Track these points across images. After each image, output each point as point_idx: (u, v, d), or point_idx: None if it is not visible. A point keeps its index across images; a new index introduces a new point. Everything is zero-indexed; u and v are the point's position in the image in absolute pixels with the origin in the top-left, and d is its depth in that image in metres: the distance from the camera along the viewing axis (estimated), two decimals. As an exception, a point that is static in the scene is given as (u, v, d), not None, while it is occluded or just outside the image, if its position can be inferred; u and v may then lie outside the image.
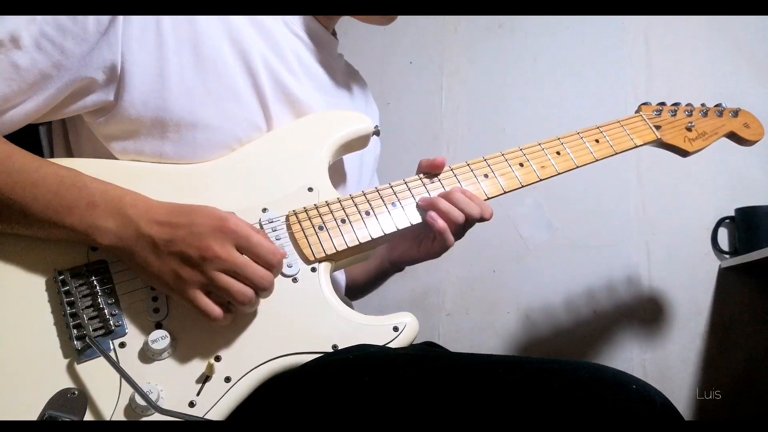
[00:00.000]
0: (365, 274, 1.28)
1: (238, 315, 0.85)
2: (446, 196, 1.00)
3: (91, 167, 0.89)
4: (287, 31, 1.05)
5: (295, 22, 1.07)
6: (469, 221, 1.00)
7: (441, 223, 0.98)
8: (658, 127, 1.19)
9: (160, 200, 0.85)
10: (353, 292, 1.31)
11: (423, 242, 1.08)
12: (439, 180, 1.02)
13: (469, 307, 1.98)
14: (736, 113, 1.27)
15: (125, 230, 0.82)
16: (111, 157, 0.96)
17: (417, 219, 0.98)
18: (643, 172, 1.89)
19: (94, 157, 0.96)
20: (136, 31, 0.90)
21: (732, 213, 1.80)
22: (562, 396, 0.67)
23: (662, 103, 1.24)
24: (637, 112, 1.23)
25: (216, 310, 0.81)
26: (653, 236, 1.86)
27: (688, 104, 1.25)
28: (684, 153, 1.22)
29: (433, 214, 0.99)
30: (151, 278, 0.83)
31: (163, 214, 0.83)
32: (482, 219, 1.01)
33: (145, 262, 0.82)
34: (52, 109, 0.91)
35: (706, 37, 1.89)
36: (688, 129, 1.21)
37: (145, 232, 0.82)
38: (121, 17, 0.88)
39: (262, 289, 0.83)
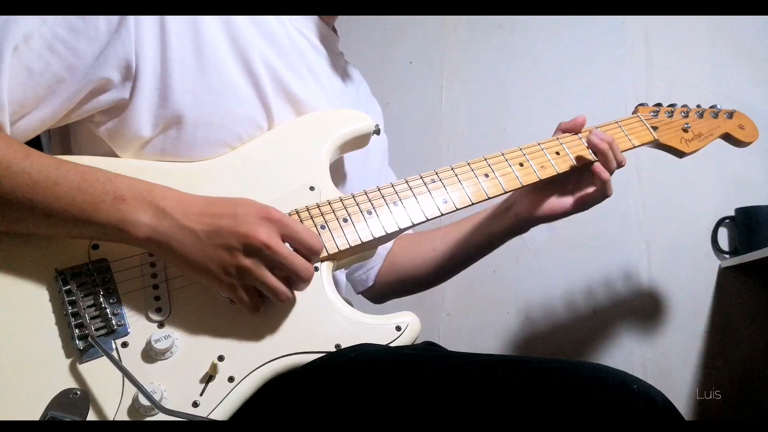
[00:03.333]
0: (463, 246, 1.25)
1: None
2: (611, 145, 1.08)
3: (93, 165, 0.89)
4: (290, 28, 1.05)
5: (298, 19, 1.07)
6: (618, 165, 1.09)
7: (607, 174, 1.07)
8: (655, 128, 1.19)
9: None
10: (437, 273, 1.29)
11: (578, 194, 1.12)
12: (440, 179, 1.02)
13: (469, 307, 1.98)
14: (731, 114, 1.28)
15: (161, 222, 0.81)
16: (110, 154, 0.96)
17: (419, 218, 0.98)
18: (643, 172, 1.89)
19: (93, 155, 0.96)
20: (146, 29, 0.90)
21: (732, 213, 1.80)
22: (564, 396, 0.67)
23: (659, 104, 1.24)
24: (634, 113, 1.23)
25: (255, 307, 0.84)
26: (653, 236, 1.86)
27: (684, 105, 1.25)
28: (680, 154, 1.22)
29: (599, 165, 1.07)
30: (193, 271, 0.83)
31: (199, 205, 0.83)
32: (620, 165, 1.10)
33: (187, 254, 0.81)
34: (69, 111, 0.90)
35: (706, 37, 1.89)
36: (685, 130, 1.22)
37: (185, 224, 0.81)
38: (132, 15, 0.88)
39: (304, 281, 0.84)
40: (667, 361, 1.80)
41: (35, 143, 0.93)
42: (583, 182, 1.11)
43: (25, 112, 0.87)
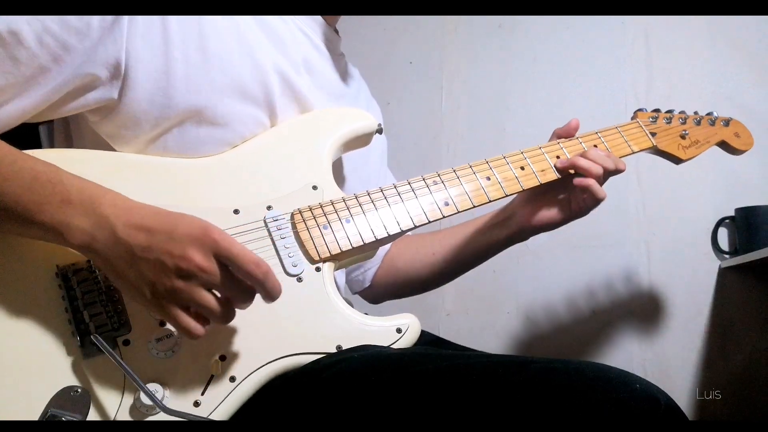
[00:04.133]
0: (462, 251, 1.25)
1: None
2: (583, 155, 1.08)
3: (93, 159, 0.88)
4: (294, 29, 1.05)
5: (302, 20, 1.07)
6: (606, 174, 1.08)
7: (587, 181, 1.06)
8: (653, 134, 1.20)
9: (144, 201, 0.80)
10: (437, 278, 1.29)
11: (572, 202, 1.12)
12: (443, 182, 1.02)
13: (469, 307, 1.98)
14: (727, 122, 1.29)
15: (100, 231, 0.77)
16: (113, 150, 0.95)
17: (421, 220, 0.98)
18: (643, 172, 1.89)
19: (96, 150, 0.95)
20: (142, 28, 0.89)
21: (732, 213, 1.80)
22: (566, 396, 0.67)
23: (657, 110, 1.25)
24: (633, 118, 1.24)
25: (197, 328, 0.77)
26: (653, 236, 1.86)
27: (682, 112, 1.26)
28: (677, 160, 1.23)
29: (577, 179, 1.07)
30: (126, 288, 0.79)
31: (143, 216, 0.78)
32: (617, 171, 1.09)
33: (120, 270, 0.77)
34: (52, 105, 0.89)
35: (706, 37, 1.89)
36: (682, 137, 1.23)
37: (121, 236, 0.76)
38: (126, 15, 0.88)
39: (243, 305, 0.80)
40: (667, 361, 1.80)
41: (33, 138, 0.93)
42: (578, 189, 1.11)
43: (4, 100, 0.86)
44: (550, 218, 1.14)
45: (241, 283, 0.78)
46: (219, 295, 0.78)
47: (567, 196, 1.12)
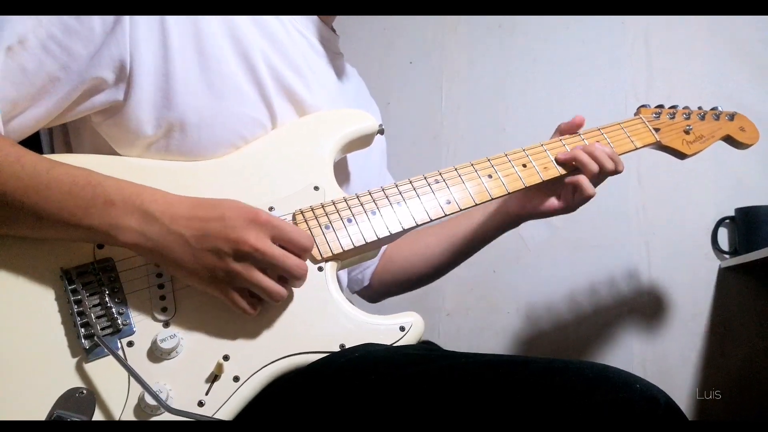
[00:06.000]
0: (455, 242, 1.26)
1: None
2: (585, 149, 1.09)
3: (95, 163, 0.88)
4: (291, 29, 1.05)
5: (298, 20, 1.07)
6: (602, 173, 1.09)
7: (578, 179, 1.08)
8: (657, 130, 1.19)
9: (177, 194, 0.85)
10: (433, 269, 1.30)
11: (562, 195, 1.13)
12: (444, 180, 1.02)
13: (469, 307, 1.98)
14: (732, 117, 1.28)
15: (150, 228, 0.81)
16: (113, 154, 0.96)
17: (423, 218, 0.98)
18: (643, 172, 1.89)
19: (96, 153, 0.96)
20: (143, 29, 0.90)
21: (732, 213, 1.80)
22: (566, 396, 0.68)
23: (660, 106, 1.25)
24: (636, 114, 1.24)
25: (250, 309, 0.83)
26: (653, 236, 1.87)
27: (685, 107, 1.26)
28: (682, 156, 1.23)
29: (576, 177, 1.09)
30: (184, 275, 0.83)
31: (186, 208, 0.82)
32: (616, 172, 1.10)
33: (177, 259, 0.81)
34: (63, 111, 0.90)
35: (706, 37, 1.89)
36: (686, 132, 1.22)
37: (174, 229, 0.81)
38: (127, 16, 0.88)
39: (298, 278, 0.84)
40: (667, 361, 1.80)
41: (33, 140, 0.94)
42: (569, 186, 1.12)
43: (19, 111, 0.87)
44: (544, 208, 1.15)
45: (294, 258, 0.83)
46: (275, 274, 0.84)
47: (558, 189, 1.13)
